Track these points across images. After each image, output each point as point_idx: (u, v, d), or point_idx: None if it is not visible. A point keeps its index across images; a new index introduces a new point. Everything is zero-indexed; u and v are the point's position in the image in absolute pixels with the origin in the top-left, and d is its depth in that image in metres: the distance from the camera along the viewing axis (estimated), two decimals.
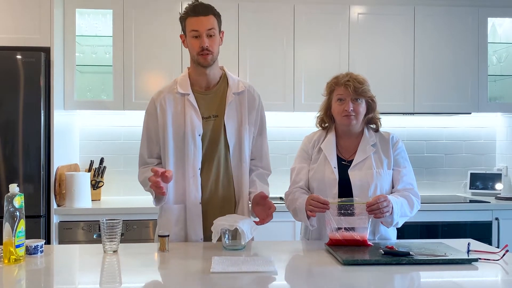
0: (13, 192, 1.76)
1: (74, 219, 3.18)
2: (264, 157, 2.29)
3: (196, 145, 2.13)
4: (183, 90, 2.17)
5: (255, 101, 2.25)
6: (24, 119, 3.07)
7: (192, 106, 2.15)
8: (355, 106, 2.15)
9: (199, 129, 2.13)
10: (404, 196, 2.11)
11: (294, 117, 3.84)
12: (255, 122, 2.24)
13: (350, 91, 2.13)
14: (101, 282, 1.60)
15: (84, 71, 3.70)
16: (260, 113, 2.27)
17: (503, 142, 4.06)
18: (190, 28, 2.10)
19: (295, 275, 1.72)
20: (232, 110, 2.18)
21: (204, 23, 2.08)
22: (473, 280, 1.65)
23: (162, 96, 2.19)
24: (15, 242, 1.74)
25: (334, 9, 3.63)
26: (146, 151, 2.25)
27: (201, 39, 2.08)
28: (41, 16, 3.18)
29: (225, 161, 2.18)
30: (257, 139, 2.26)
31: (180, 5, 3.51)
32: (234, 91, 2.20)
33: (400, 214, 2.05)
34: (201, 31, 2.07)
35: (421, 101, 3.68)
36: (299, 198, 2.13)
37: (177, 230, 2.16)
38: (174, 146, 2.16)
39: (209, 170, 2.16)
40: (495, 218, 3.43)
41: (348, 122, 2.17)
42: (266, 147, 2.30)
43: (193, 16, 2.09)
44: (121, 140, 3.84)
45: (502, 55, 3.91)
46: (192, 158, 2.13)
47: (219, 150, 2.16)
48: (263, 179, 2.26)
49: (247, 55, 3.55)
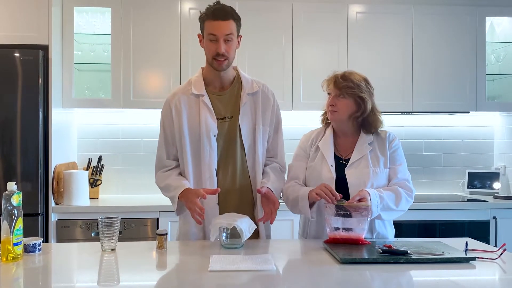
0: (11, 190, 1.76)
1: (72, 217, 3.18)
2: (279, 154, 2.28)
3: (212, 146, 2.13)
4: (197, 91, 2.16)
5: (269, 100, 2.24)
6: (22, 117, 3.06)
7: (207, 107, 2.14)
8: (337, 101, 2.16)
9: (214, 130, 2.13)
10: (390, 189, 2.11)
11: (293, 116, 3.83)
12: (271, 122, 2.24)
13: (332, 86, 2.15)
14: (99, 280, 1.60)
15: (82, 69, 3.70)
16: (276, 112, 2.27)
17: (501, 141, 4.06)
18: (208, 31, 2.07)
19: (293, 274, 1.72)
20: (246, 111, 2.18)
21: (222, 28, 2.04)
22: (470, 279, 1.65)
23: (177, 98, 2.18)
24: (13, 240, 1.74)
25: (333, 8, 3.63)
26: (165, 153, 2.23)
27: (218, 44, 2.05)
28: (39, 14, 3.17)
29: (242, 162, 2.17)
30: (273, 137, 2.26)
31: (178, 3, 3.50)
32: (248, 92, 2.19)
33: (381, 207, 2.04)
34: (218, 35, 2.05)
35: (419, 100, 3.68)
36: (302, 188, 2.14)
37: (196, 231, 2.17)
38: (191, 147, 2.15)
39: (225, 171, 2.15)
40: (493, 217, 3.44)
41: (331, 117, 2.19)
42: (282, 145, 2.30)
43: (212, 19, 2.05)
44: (119, 138, 3.84)
45: (500, 54, 3.92)
46: (208, 159, 2.13)
47: (235, 151, 2.16)
48: (277, 172, 2.24)
49: (245, 54, 3.55)
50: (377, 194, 2.05)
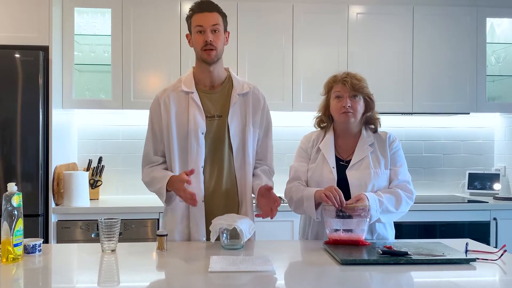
0: (11, 191, 1.76)
1: (72, 218, 3.18)
2: (269, 157, 2.29)
3: (199, 144, 2.13)
4: (187, 88, 2.18)
5: (260, 102, 2.25)
6: (22, 118, 3.06)
7: (196, 104, 2.15)
8: (352, 103, 2.15)
9: (202, 128, 2.13)
10: (390, 192, 2.11)
11: (293, 117, 3.84)
12: (260, 124, 2.24)
13: (348, 87, 2.14)
14: (99, 281, 1.60)
15: (83, 70, 3.70)
16: (266, 115, 2.28)
17: (501, 142, 4.06)
18: (195, 24, 2.12)
19: (293, 275, 1.72)
20: (236, 111, 2.18)
21: (208, 19, 2.10)
22: (471, 280, 1.65)
23: (166, 94, 2.20)
24: (13, 241, 1.74)
25: (333, 9, 3.63)
26: (152, 148, 2.23)
27: (205, 34, 2.09)
28: (39, 15, 3.17)
29: (229, 162, 2.18)
30: (262, 140, 2.27)
31: (179, 4, 3.50)
32: (239, 92, 2.20)
33: (380, 211, 2.04)
34: (205, 26, 2.09)
35: (419, 101, 3.68)
36: (306, 189, 2.13)
37: (182, 228, 2.17)
38: (178, 144, 2.16)
39: (212, 169, 2.16)
40: (493, 218, 3.44)
41: (346, 119, 2.16)
42: (271, 148, 2.31)
43: (198, 12, 2.11)
44: (119, 139, 3.84)
45: (500, 55, 3.92)
46: (195, 156, 2.13)
47: (222, 150, 2.16)
48: (267, 174, 2.26)
49: (246, 54, 3.55)
50: (376, 198, 2.04)
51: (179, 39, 3.50)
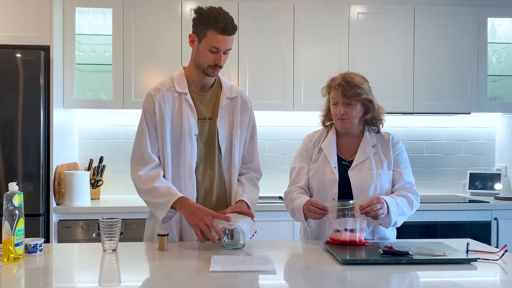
0: (12, 191, 1.76)
1: (73, 218, 3.18)
2: (255, 160, 2.29)
3: (193, 145, 2.13)
4: (180, 89, 2.17)
5: (247, 106, 2.26)
6: (23, 117, 3.06)
7: (189, 106, 2.15)
8: (347, 109, 2.15)
9: (195, 129, 2.13)
10: (402, 195, 2.12)
11: (294, 117, 3.84)
12: (248, 127, 2.25)
13: (340, 95, 2.13)
14: (100, 281, 1.60)
15: (84, 70, 3.70)
16: (252, 119, 2.29)
17: (502, 142, 4.06)
18: (211, 43, 2.06)
19: (294, 275, 1.72)
20: (224, 114, 2.19)
21: (227, 43, 2.07)
22: (472, 280, 1.65)
23: (161, 94, 2.18)
24: (14, 240, 1.74)
25: (334, 9, 3.63)
26: (148, 145, 2.15)
27: (218, 55, 2.07)
28: (40, 15, 3.18)
29: (218, 163, 2.18)
30: (249, 142, 2.27)
31: (180, 4, 3.50)
32: (228, 96, 2.20)
33: (398, 213, 2.05)
34: (221, 49, 2.07)
35: (420, 101, 3.68)
36: (297, 198, 2.13)
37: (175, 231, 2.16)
38: (171, 144, 2.15)
39: (204, 171, 2.16)
40: (494, 218, 3.44)
41: (341, 125, 2.18)
42: (257, 151, 2.32)
43: (219, 33, 2.05)
44: (120, 139, 3.84)
45: (501, 55, 3.91)
46: (188, 157, 2.13)
47: (213, 152, 2.17)
48: (253, 182, 2.26)
49: (246, 54, 3.55)
50: (393, 201, 2.05)
51: (180, 39, 3.50)
